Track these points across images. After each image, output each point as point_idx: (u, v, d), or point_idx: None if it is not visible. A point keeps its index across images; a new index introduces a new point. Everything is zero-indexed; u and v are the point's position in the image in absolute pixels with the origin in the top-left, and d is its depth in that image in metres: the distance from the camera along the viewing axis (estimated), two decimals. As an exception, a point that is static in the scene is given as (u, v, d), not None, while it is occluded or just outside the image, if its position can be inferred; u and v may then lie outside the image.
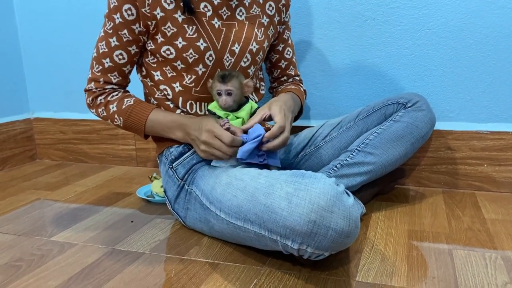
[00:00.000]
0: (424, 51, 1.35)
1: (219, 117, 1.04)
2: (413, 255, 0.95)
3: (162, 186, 1.31)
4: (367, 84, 1.42)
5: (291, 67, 1.30)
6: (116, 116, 1.07)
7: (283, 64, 1.28)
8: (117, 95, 1.09)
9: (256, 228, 0.86)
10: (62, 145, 1.85)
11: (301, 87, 1.30)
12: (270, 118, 1.03)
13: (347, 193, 0.83)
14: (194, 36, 1.03)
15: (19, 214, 1.25)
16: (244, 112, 1.04)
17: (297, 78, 1.32)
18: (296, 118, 1.24)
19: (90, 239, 1.07)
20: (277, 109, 1.02)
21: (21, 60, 1.83)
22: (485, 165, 1.35)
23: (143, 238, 1.07)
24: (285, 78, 1.30)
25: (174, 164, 1.10)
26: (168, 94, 1.09)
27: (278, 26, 1.20)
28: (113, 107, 1.07)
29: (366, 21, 1.39)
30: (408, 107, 1.15)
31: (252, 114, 1.05)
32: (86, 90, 1.10)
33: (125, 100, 1.08)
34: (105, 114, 1.09)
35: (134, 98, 1.09)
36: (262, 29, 1.13)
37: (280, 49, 1.25)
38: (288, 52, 1.27)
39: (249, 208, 0.86)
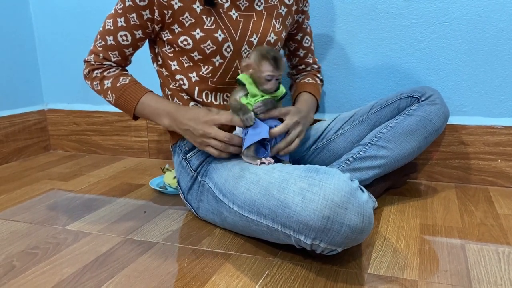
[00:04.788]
0: (438, 44, 1.34)
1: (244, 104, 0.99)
2: (425, 248, 0.95)
3: (174, 177, 1.33)
4: (381, 77, 1.42)
5: (310, 55, 1.30)
6: (109, 92, 1.08)
7: (301, 52, 1.28)
8: (114, 71, 1.09)
9: (269, 222, 0.86)
10: (75, 136, 1.87)
11: (318, 78, 1.29)
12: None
13: (361, 188, 0.83)
14: (212, 27, 1.03)
15: (34, 203, 1.27)
16: (278, 93, 1.01)
17: (315, 66, 1.32)
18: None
19: (104, 228, 1.09)
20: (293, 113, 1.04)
21: (36, 51, 1.85)
22: (499, 160, 1.34)
23: (156, 228, 1.08)
24: (303, 66, 1.31)
25: (188, 155, 1.10)
26: (184, 84, 1.09)
27: (296, 15, 1.20)
28: (107, 83, 1.08)
29: (380, 14, 1.38)
30: (422, 101, 1.15)
31: (281, 96, 1.02)
32: (85, 61, 1.11)
33: (121, 78, 1.08)
34: (99, 88, 1.09)
35: (130, 78, 1.09)
36: (280, 19, 1.12)
37: (299, 38, 1.26)
38: (307, 41, 1.27)
39: (263, 202, 0.86)
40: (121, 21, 1.04)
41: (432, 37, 1.34)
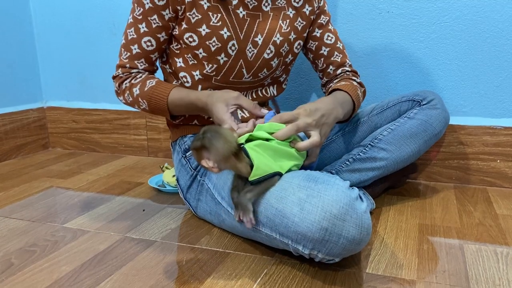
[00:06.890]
0: (438, 44, 1.34)
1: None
2: (423, 248, 0.95)
3: (173, 176, 1.33)
4: (380, 77, 1.42)
5: (336, 53, 1.18)
6: (140, 99, 1.04)
7: (324, 50, 1.18)
8: (140, 77, 1.06)
9: (268, 230, 0.86)
10: (74, 134, 1.87)
11: (354, 81, 1.16)
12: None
13: (360, 197, 0.83)
14: (218, 24, 1.01)
15: (32, 201, 1.27)
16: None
17: (347, 68, 1.20)
18: (348, 119, 1.14)
19: (103, 226, 1.09)
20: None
21: (35, 49, 1.85)
22: (498, 161, 1.34)
23: (155, 227, 1.08)
24: (331, 68, 1.19)
25: (187, 154, 1.10)
26: (187, 82, 1.08)
27: (311, 16, 1.14)
28: (136, 90, 1.04)
29: (381, 14, 1.38)
30: (423, 104, 1.14)
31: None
32: (114, 77, 1.09)
33: (148, 81, 1.04)
34: (131, 99, 1.06)
35: (156, 80, 1.05)
36: (288, 21, 1.10)
37: (318, 34, 1.17)
38: (329, 38, 1.18)
39: (261, 210, 0.86)
40: (142, 27, 1.02)
41: (432, 37, 1.34)
